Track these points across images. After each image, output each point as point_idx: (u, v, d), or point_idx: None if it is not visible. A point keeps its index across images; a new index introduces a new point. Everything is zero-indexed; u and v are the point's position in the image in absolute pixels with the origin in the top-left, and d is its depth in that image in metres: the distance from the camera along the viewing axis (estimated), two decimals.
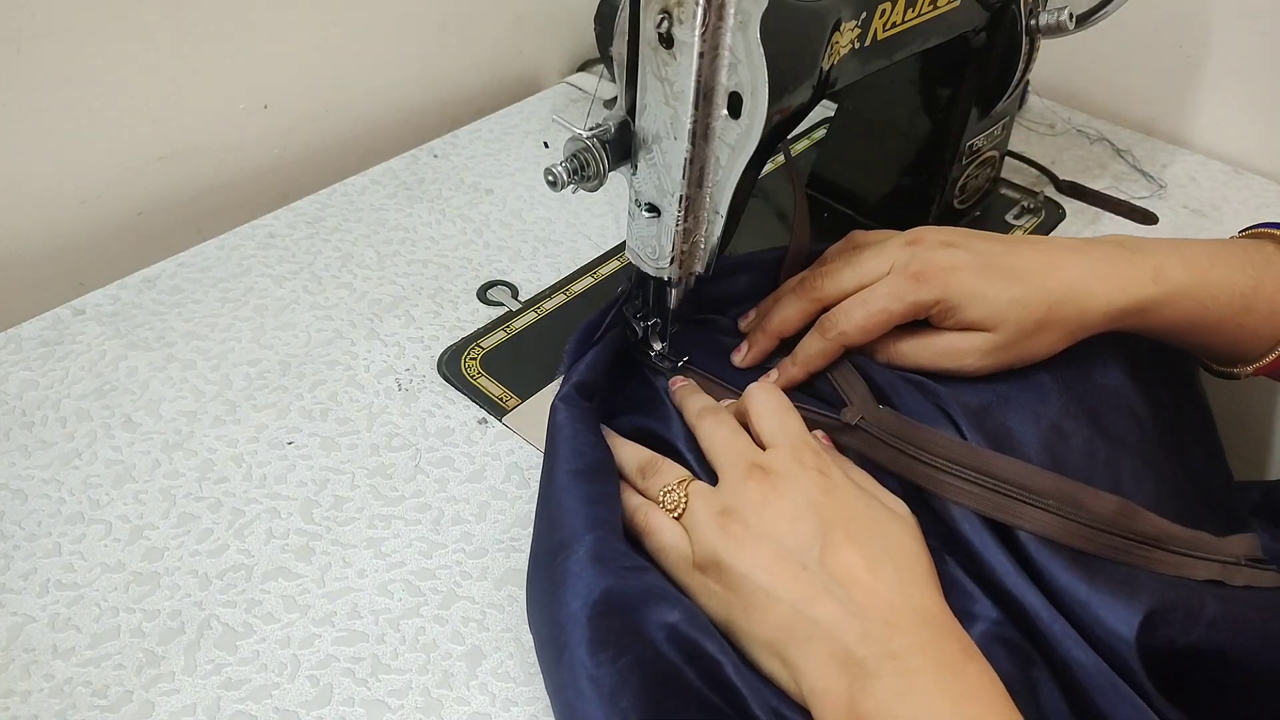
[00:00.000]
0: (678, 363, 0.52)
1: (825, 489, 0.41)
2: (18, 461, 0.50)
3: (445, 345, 0.58)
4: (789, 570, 0.38)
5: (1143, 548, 0.43)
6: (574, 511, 0.42)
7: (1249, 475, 0.65)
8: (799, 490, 0.40)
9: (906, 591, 0.38)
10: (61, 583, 0.45)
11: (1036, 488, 0.43)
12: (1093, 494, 0.43)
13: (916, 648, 0.36)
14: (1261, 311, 0.48)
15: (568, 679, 0.37)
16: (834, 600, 0.37)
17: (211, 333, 0.58)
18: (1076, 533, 0.42)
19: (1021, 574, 0.41)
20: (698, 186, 0.44)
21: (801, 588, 0.38)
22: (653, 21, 0.40)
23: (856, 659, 0.36)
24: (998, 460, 0.44)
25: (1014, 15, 0.58)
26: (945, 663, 0.36)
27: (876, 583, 0.38)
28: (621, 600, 0.39)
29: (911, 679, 0.35)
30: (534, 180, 0.73)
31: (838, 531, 0.39)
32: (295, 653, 0.42)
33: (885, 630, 0.36)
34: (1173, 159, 0.78)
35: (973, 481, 0.43)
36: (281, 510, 0.48)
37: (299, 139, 0.75)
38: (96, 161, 0.65)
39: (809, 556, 0.39)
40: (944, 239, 0.49)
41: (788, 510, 0.40)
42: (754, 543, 0.39)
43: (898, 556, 0.39)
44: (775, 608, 0.38)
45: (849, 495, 0.41)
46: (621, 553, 0.41)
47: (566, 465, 0.44)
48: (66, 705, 0.40)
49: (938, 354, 0.49)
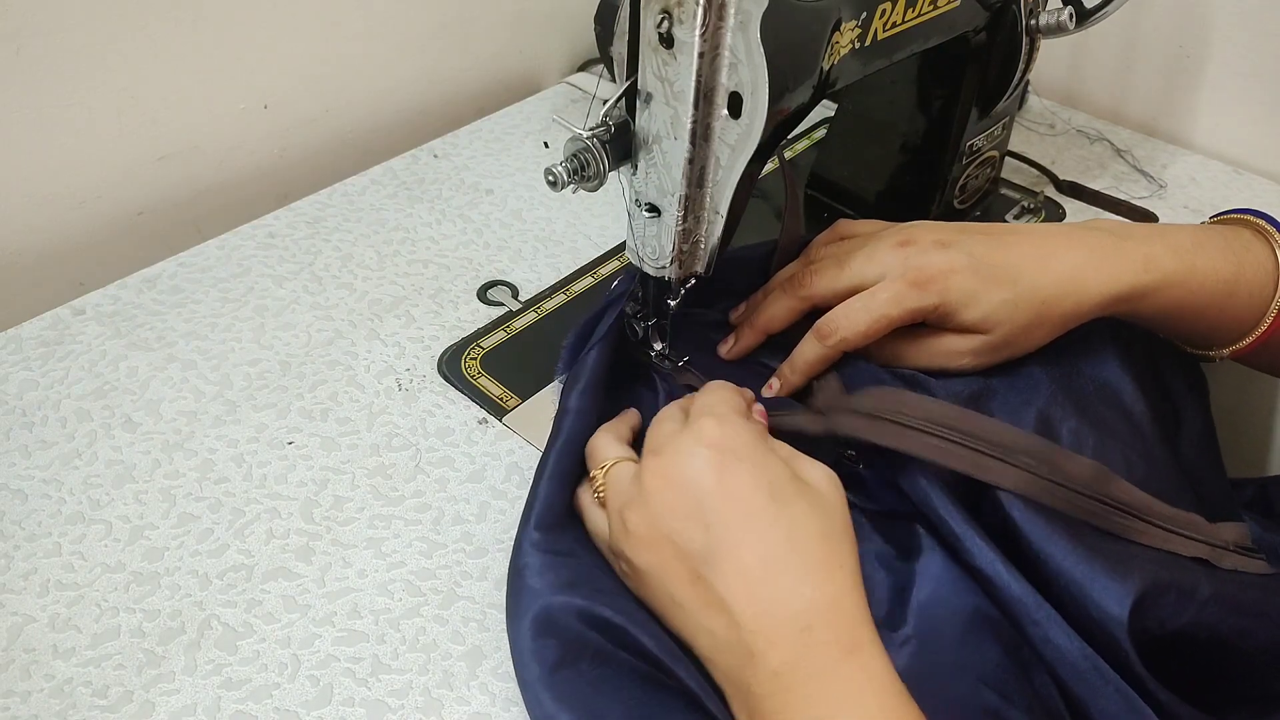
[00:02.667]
0: (678, 363, 0.52)
1: (720, 468, 0.39)
2: (18, 461, 0.50)
3: (445, 345, 0.58)
4: (687, 575, 0.38)
5: (1121, 515, 0.43)
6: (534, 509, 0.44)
7: (1245, 472, 0.65)
8: (690, 478, 0.39)
9: (798, 586, 0.37)
10: (62, 583, 0.45)
11: (1014, 445, 0.43)
12: (1069, 456, 0.44)
13: (790, 665, 0.36)
14: (1243, 297, 0.48)
15: (529, 697, 0.39)
16: (723, 616, 0.37)
17: (212, 333, 0.58)
18: (1052, 493, 0.42)
19: (1008, 564, 0.41)
20: (698, 186, 0.44)
21: (698, 596, 0.38)
22: (653, 21, 0.40)
23: (745, 679, 0.36)
24: (975, 419, 0.44)
25: (1014, 15, 0.58)
26: (817, 672, 0.36)
27: (766, 586, 0.37)
28: (559, 611, 0.40)
29: (787, 697, 0.35)
30: (534, 180, 0.73)
31: (730, 528, 0.38)
32: (295, 653, 0.42)
33: (766, 647, 0.36)
34: (1173, 159, 0.78)
35: (949, 439, 0.43)
36: (281, 510, 0.48)
37: (299, 139, 0.75)
38: (96, 161, 0.65)
39: (701, 563, 0.38)
40: (936, 238, 0.49)
41: (679, 505, 0.39)
42: (652, 541, 0.39)
43: (798, 543, 0.38)
44: (679, 612, 0.39)
45: (746, 473, 0.39)
46: (589, 576, 0.42)
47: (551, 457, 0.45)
48: (66, 705, 0.40)
49: (934, 355, 0.49)
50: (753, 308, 0.53)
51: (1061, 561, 0.41)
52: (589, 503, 0.44)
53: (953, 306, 0.47)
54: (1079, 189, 0.73)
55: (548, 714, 0.38)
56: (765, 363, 0.53)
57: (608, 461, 0.44)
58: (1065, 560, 0.41)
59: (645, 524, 0.39)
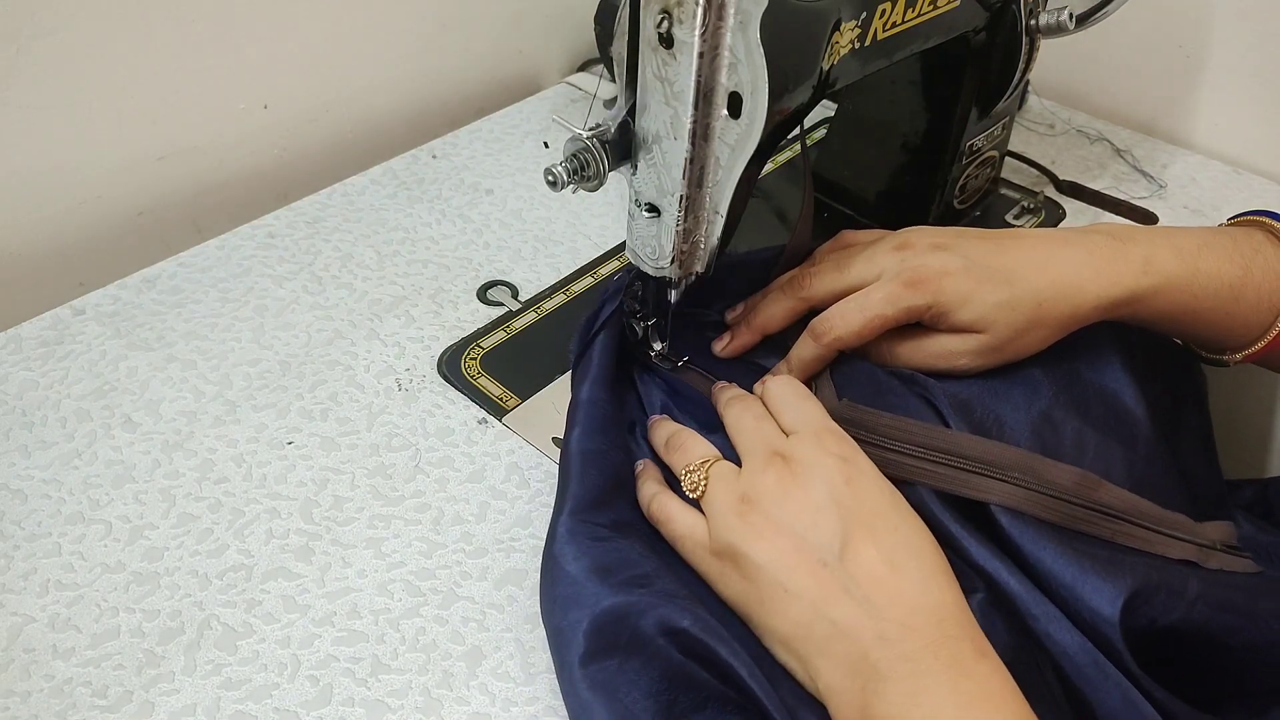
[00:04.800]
0: (678, 363, 0.52)
1: (848, 478, 0.40)
2: (18, 461, 0.50)
3: (445, 345, 0.58)
4: (808, 566, 0.38)
5: (1109, 520, 0.43)
6: (574, 492, 0.43)
7: (1245, 473, 0.65)
8: (820, 480, 0.40)
9: (926, 587, 0.38)
10: (61, 583, 0.45)
11: (998, 461, 0.43)
12: (1052, 465, 0.44)
13: (929, 650, 0.36)
14: (1250, 300, 0.48)
15: (567, 688, 0.38)
16: (852, 601, 0.37)
17: (211, 333, 0.58)
18: (1040, 503, 0.43)
19: (1004, 559, 0.41)
20: (698, 186, 0.44)
21: (820, 586, 0.38)
22: (653, 21, 0.40)
23: (871, 662, 0.36)
24: (959, 438, 0.45)
25: (1014, 15, 0.58)
26: (957, 663, 0.36)
27: (896, 580, 0.37)
28: (625, 613, 0.39)
29: (922, 681, 0.35)
30: (534, 180, 0.73)
31: (859, 526, 0.39)
32: (295, 653, 0.42)
33: (901, 632, 0.36)
34: (1173, 159, 0.78)
35: (936, 461, 0.44)
36: (281, 510, 0.48)
37: (299, 139, 0.75)
38: (96, 161, 0.65)
39: (829, 553, 0.38)
40: (934, 241, 0.49)
41: (809, 502, 0.40)
42: (773, 534, 0.39)
43: (919, 550, 0.39)
44: (793, 604, 0.38)
45: (872, 485, 0.41)
46: (629, 561, 0.41)
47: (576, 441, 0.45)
48: (66, 705, 0.40)
49: (931, 356, 0.49)
50: (750, 308, 0.53)
51: (1051, 565, 0.41)
52: (674, 505, 0.44)
53: (947, 306, 0.47)
54: (1079, 189, 0.73)
55: (583, 703, 0.37)
56: (762, 363, 0.53)
57: (708, 459, 0.44)
58: (1055, 563, 0.41)
59: (765, 518, 0.40)
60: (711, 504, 0.42)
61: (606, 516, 0.43)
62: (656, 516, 0.44)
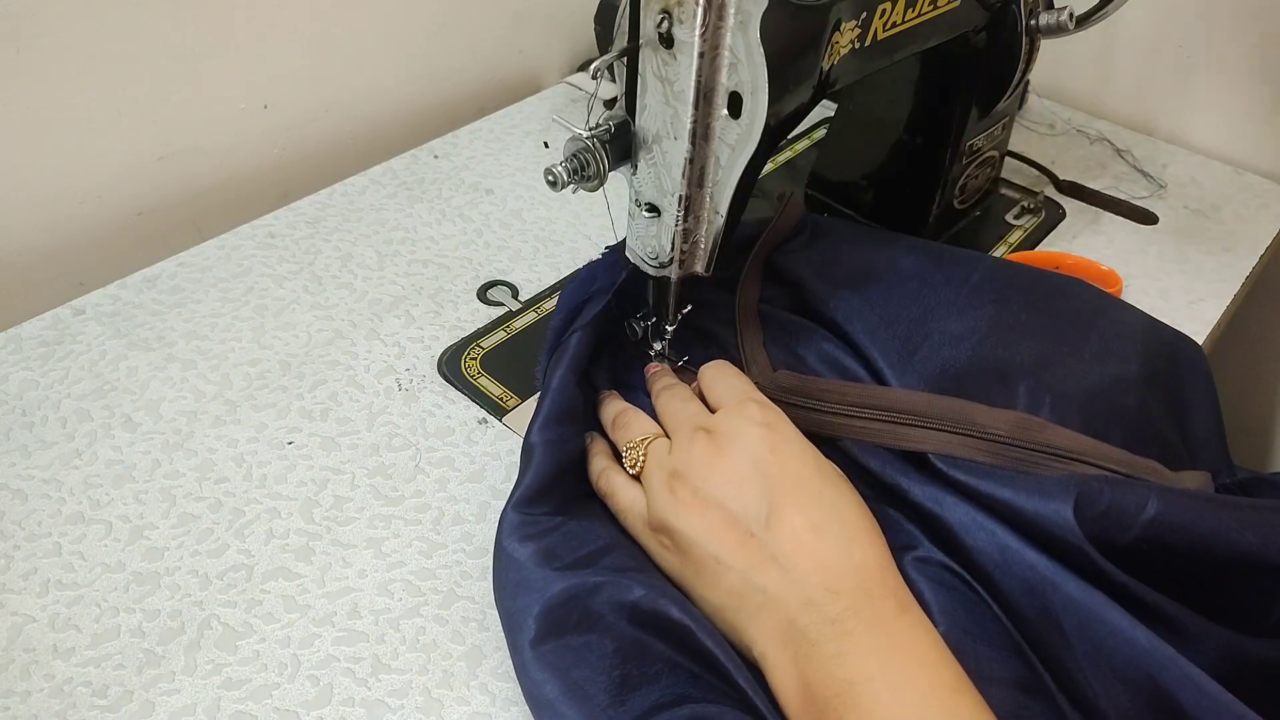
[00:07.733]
0: (678, 362, 0.52)
1: (772, 445, 0.41)
2: (18, 461, 0.50)
3: (445, 345, 0.58)
4: (736, 537, 0.39)
5: (1057, 460, 0.43)
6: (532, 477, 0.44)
7: None
8: (743, 450, 0.41)
9: (848, 550, 0.38)
10: (61, 583, 0.45)
11: (932, 412, 0.44)
12: (986, 410, 0.45)
13: (852, 611, 0.37)
14: None
15: (519, 668, 0.39)
16: (778, 569, 0.38)
17: (211, 333, 0.58)
18: (978, 447, 0.43)
19: (947, 489, 0.42)
20: (698, 186, 0.44)
21: (749, 555, 0.39)
22: (653, 21, 0.40)
23: (800, 628, 0.37)
24: (892, 394, 0.46)
25: (1014, 15, 0.58)
26: (879, 622, 0.37)
27: (820, 545, 0.38)
28: (574, 594, 0.40)
29: (846, 642, 0.36)
30: (534, 180, 0.73)
31: (783, 494, 0.40)
32: (295, 653, 0.42)
33: (825, 596, 0.37)
34: (1173, 159, 0.78)
35: (872, 419, 0.45)
36: (281, 510, 0.48)
37: (299, 139, 0.75)
38: (96, 161, 0.65)
39: (755, 522, 0.39)
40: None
41: (733, 472, 0.40)
42: (702, 508, 0.40)
43: (842, 513, 0.40)
44: (725, 575, 0.39)
45: (796, 450, 0.41)
46: (577, 542, 0.42)
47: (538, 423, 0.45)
48: (66, 705, 0.40)
49: None
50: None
51: (992, 490, 0.41)
52: (619, 479, 0.45)
53: None
54: (1079, 189, 0.73)
55: (535, 682, 0.38)
56: None
57: (647, 436, 0.45)
58: (1001, 491, 0.41)
59: (693, 492, 0.40)
60: (647, 480, 0.43)
61: (556, 500, 0.44)
62: (603, 490, 0.45)
